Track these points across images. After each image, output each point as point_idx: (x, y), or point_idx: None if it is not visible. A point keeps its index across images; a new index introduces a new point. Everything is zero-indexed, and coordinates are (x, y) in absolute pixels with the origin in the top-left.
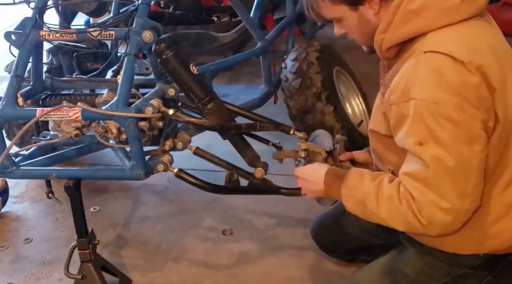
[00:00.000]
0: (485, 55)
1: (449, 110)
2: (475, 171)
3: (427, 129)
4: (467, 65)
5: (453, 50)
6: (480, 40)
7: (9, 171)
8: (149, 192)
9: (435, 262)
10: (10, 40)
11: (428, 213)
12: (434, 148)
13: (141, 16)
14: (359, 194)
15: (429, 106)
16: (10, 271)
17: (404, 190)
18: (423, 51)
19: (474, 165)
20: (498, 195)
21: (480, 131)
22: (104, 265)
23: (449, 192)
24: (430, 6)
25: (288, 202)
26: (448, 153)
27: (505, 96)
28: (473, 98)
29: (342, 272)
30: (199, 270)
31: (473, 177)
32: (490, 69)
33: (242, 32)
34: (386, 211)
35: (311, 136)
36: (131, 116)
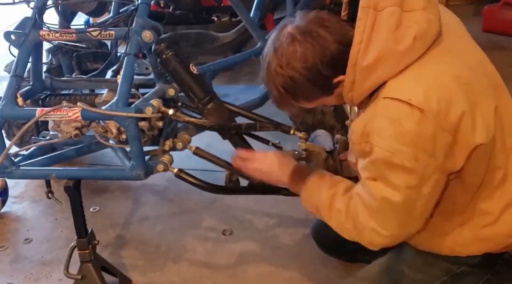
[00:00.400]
0: (447, 91)
1: (403, 159)
2: (420, 208)
3: (380, 172)
4: (426, 113)
5: (412, 97)
6: (441, 76)
7: (9, 171)
8: (149, 192)
9: (433, 261)
10: (9, 40)
11: (368, 237)
12: (384, 188)
13: (141, 16)
14: (315, 200)
15: (385, 154)
16: (9, 271)
17: (353, 207)
18: (383, 97)
19: (420, 204)
20: (489, 202)
21: (432, 175)
22: (104, 265)
23: (391, 223)
24: (385, 56)
25: (288, 202)
26: (397, 192)
27: (477, 120)
28: (428, 147)
29: (342, 272)
30: (199, 270)
31: (416, 212)
32: (454, 104)
33: (242, 32)
34: (336, 223)
35: (311, 136)
36: (131, 116)
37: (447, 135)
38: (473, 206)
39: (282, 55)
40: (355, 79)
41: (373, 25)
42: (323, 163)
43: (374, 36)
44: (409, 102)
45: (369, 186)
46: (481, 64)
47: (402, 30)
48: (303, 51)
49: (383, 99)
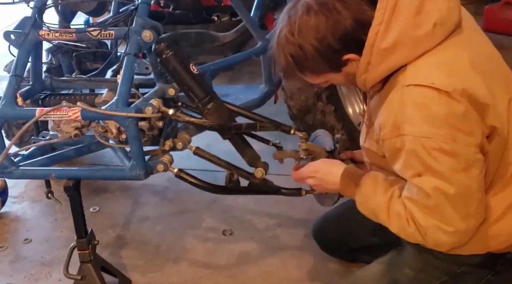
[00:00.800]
0: (467, 76)
1: (442, 142)
2: (476, 193)
3: (422, 163)
4: (452, 94)
5: (436, 81)
6: (460, 61)
7: (9, 171)
8: (149, 192)
9: (434, 261)
10: (9, 40)
11: (434, 237)
12: (432, 179)
13: (141, 16)
14: (372, 205)
15: (421, 141)
16: (9, 272)
17: (409, 211)
18: (406, 84)
19: (474, 188)
20: (496, 198)
21: (476, 155)
22: (104, 265)
23: (453, 217)
24: (403, 40)
25: (289, 202)
26: (447, 182)
27: (497, 108)
28: (464, 126)
29: (343, 272)
30: (199, 271)
31: (474, 199)
32: (475, 89)
33: (243, 31)
34: (397, 227)
35: (312, 136)
36: (131, 116)
37: (476, 114)
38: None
39: (295, 22)
40: (371, 60)
41: (394, 8)
42: None
43: (394, 19)
44: (433, 86)
45: (417, 183)
46: (494, 57)
47: (423, 16)
48: (316, 22)
49: (406, 87)
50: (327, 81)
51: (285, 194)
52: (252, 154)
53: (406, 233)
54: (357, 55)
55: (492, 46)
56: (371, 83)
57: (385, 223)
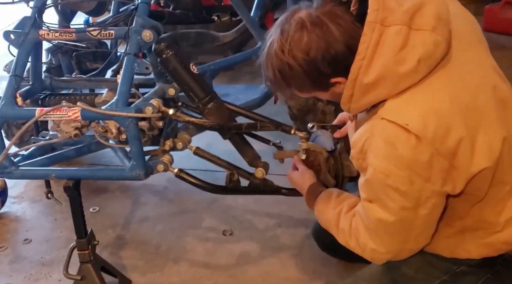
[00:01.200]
0: (446, 117)
1: (398, 183)
2: (419, 227)
3: (375, 194)
4: (422, 140)
5: (410, 123)
6: (441, 100)
7: (8, 171)
8: (149, 192)
9: (433, 260)
10: (9, 40)
11: (370, 255)
12: (379, 210)
13: (141, 15)
14: (325, 218)
15: (379, 176)
16: (9, 272)
17: (354, 226)
18: (381, 117)
19: (417, 223)
20: (492, 214)
21: (428, 199)
22: (104, 265)
23: (388, 242)
24: (386, 76)
25: (289, 202)
26: (390, 215)
27: (473, 146)
28: (424, 173)
29: (342, 273)
30: (199, 271)
31: (416, 231)
32: (452, 130)
33: (243, 31)
34: (342, 240)
35: (312, 136)
36: (131, 116)
37: (444, 161)
38: (476, 214)
39: (286, 39)
40: (353, 93)
41: (377, 42)
42: (324, 163)
43: (378, 53)
44: (406, 127)
45: (365, 207)
46: (487, 79)
47: (408, 50)
48: (308, 42)
49: (381, 120)
50: (314, 97)
51: (286, 194)
52: (253, 153)
53: (349, 246)
54: (345, 79)
55: (487, 62)
56: (355, 112)
57: (334, 234)
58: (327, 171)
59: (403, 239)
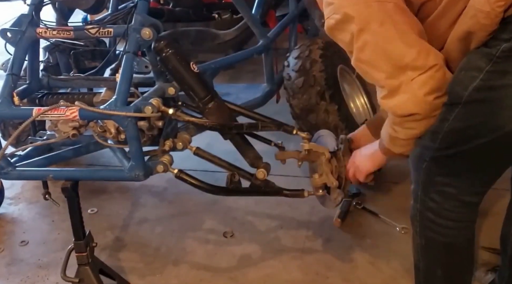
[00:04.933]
0: None
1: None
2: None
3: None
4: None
5: None
6: None
7: (5, 171)
8: (148, 193)
9: (474, 51)
10: (6, 38)
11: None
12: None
13: (140, 13)
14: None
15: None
16: (5, 274)
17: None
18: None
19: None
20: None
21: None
22: (102, 268)
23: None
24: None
25: (290, 203)
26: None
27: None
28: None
29: (346, 274)
30: (199, 273)
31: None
32: None
33: (244, 29)
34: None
35: (315, 136)
36: (130, 116)
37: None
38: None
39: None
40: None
41: None
42: (326, 163)
43: None
44: None
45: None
46: None
47: None
48: None
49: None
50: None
51: (287, 195)
52: (254, 154)
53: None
54: None
55: None
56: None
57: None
58: (329, 172)
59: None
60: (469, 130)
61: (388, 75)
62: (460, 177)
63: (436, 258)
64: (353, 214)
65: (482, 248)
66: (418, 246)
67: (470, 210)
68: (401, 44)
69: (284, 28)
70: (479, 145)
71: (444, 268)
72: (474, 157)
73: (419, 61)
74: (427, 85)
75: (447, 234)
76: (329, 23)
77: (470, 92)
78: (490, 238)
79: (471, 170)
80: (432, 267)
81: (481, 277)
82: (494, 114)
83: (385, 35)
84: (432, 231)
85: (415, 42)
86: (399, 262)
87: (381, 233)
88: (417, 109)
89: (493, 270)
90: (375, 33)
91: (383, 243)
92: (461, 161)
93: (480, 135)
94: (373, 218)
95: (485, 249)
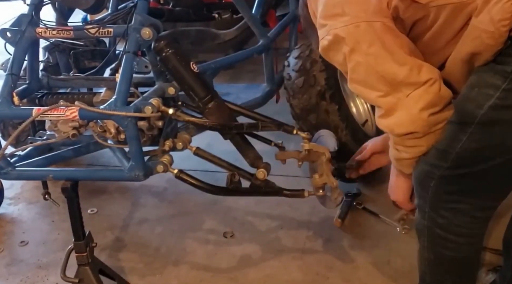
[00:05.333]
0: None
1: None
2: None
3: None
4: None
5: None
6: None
7: (5, 171)
8: (148, 194)
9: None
10: (5, 38)
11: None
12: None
13: (140, 13)
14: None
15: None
16: (5, 275)
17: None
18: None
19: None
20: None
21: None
22: (102, 268)
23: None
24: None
25: (291, 203)
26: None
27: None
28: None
29: (346, 275)
30: (200, 274)
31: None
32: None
33: (244, 29)
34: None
35: (315, 136)
36: (130, 116)
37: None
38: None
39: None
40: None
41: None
42: (327, 163)
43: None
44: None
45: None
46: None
47: None
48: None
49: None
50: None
51: (287, 195)
52: (254, 154)
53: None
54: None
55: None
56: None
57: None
58: (330, 172)
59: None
60: (484, 151)
61: (383, 94)
62: (472, 195)
63: (446, 272)
64: (353, 214)
65: (484, 248)
66: (426, 260)
67: (482, 225)
68: (392, 63)
69: (285, 28)
70: (494, 165)
71: (453, 280)
72: (488, 176)
73: (412, 78)
74: (422, 100)
75: (458, 250)
76: (323, 44)
77: (486, 111)
78: (491, 239)
79: (483, 188)
80: (440, 281)
81: (482, 277)
82: (511, 134)
83: (376, 55)
84: (443, 247)
85: (405, 60)
86: (400, 262)
87: (382, 233)
88: (413, 127)
89: (494, 270)
90: (365, 53)
91: (384, 243)
92: (473, 180)
93: (496, 155)
94: (373, 218)
95: (486, 250)
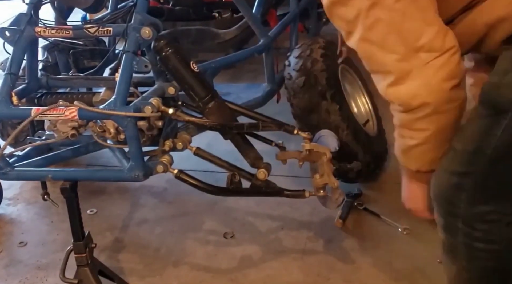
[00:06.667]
0: None
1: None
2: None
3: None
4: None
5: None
6: None
7: (3, 172)
8: (147, 194)
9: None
10: (4, 37)
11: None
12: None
13: (140, 12)
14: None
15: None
16: (4, 276)
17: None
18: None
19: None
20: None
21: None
22: (101, 269)
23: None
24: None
25: (291, 204)
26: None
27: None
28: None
29: (347, 276)
30: (200, 275)
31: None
32: None
33: (244, 28)
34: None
35: (316, 136)
36: (130, 116)
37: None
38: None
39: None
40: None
41: None
42: (327, 163)
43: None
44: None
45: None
46: None
47: None
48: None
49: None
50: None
51: (288, 195)
52: (254, 154)
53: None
54: None
55: None
56: None
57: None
58: (331, 172)
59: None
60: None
61: (400, 57)
62: (505, 197)
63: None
64: (354, 215)
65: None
66: (466, 281)
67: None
68: (420, 22)
69: (285, 27)
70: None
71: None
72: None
73: (436, 42)
74: (443, 70)
75: (501, 258)
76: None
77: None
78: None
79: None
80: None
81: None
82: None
83: (403, 12)
84: (486, 260)
85: (434, 20)
86: (401, 263)
87: (383, 234)
88: (430, 98)
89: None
90: (391, 8)
91: (385, 244)
92: (506, 177)
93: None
94: (374, 218)
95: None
